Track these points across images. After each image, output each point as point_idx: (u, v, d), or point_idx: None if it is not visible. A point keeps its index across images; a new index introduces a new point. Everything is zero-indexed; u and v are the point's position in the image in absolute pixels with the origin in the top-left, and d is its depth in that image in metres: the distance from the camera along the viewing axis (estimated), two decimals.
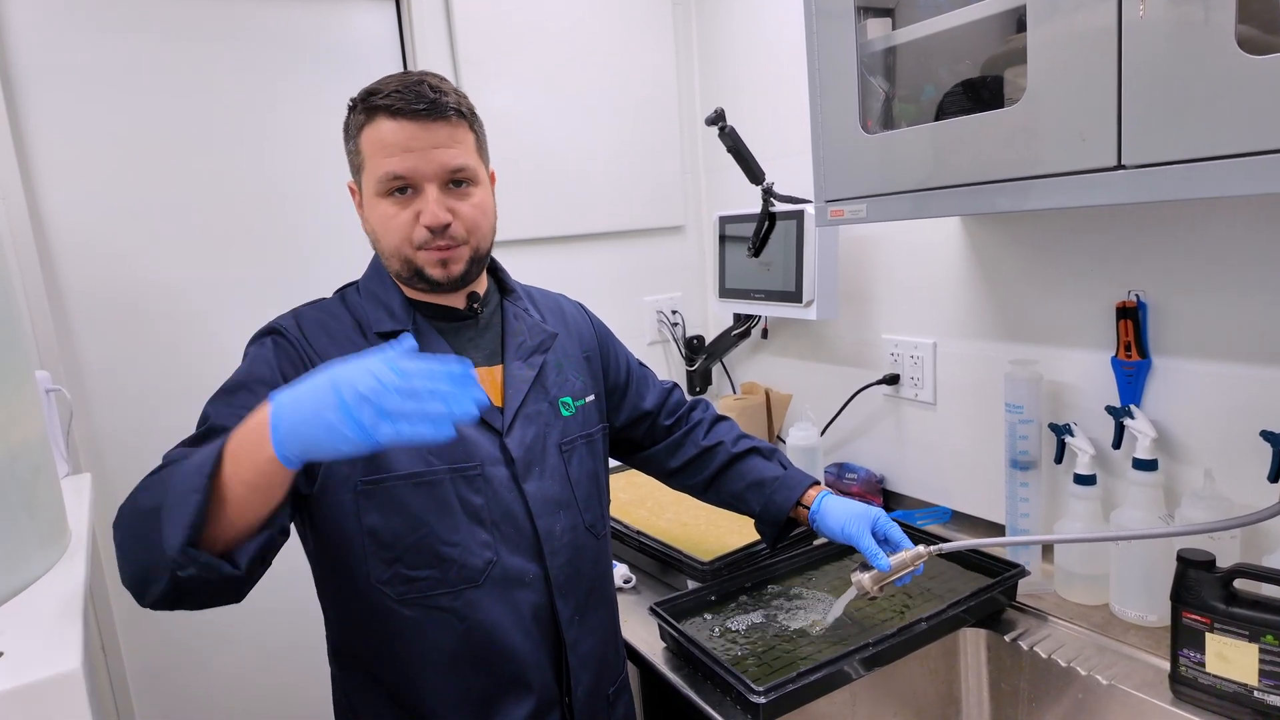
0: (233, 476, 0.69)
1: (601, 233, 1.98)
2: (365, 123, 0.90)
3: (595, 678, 1.02)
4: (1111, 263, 1.20)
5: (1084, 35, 0.82)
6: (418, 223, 0.90)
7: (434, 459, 0.91)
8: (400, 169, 0.88)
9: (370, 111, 0.89)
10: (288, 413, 0.66)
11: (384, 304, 0.96)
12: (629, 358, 1.21)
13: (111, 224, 1.48)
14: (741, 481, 1.16)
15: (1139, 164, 0.79)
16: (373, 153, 0.89)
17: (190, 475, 0.68)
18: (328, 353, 0.91)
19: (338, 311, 0.97)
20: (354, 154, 0.93)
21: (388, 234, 0.91)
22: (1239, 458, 1.08)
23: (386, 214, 0.91)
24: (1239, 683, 0.90)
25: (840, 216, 1.16)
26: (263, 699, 1.69)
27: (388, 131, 0.88)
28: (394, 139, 0.88)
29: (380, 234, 0.93)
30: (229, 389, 0.88)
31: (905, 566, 1.01)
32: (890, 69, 1.18)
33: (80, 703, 0.62)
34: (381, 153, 0.88)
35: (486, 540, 0.93)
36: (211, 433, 0.82)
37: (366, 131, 0.90)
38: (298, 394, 0.67)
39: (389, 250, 0.93)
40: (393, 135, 0.87)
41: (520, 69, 1.81)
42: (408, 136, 0.87)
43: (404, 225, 0.90)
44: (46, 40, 1.40)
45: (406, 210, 0.90)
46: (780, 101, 1.79)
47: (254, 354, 0.91)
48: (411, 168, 0.88)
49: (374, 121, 0.89)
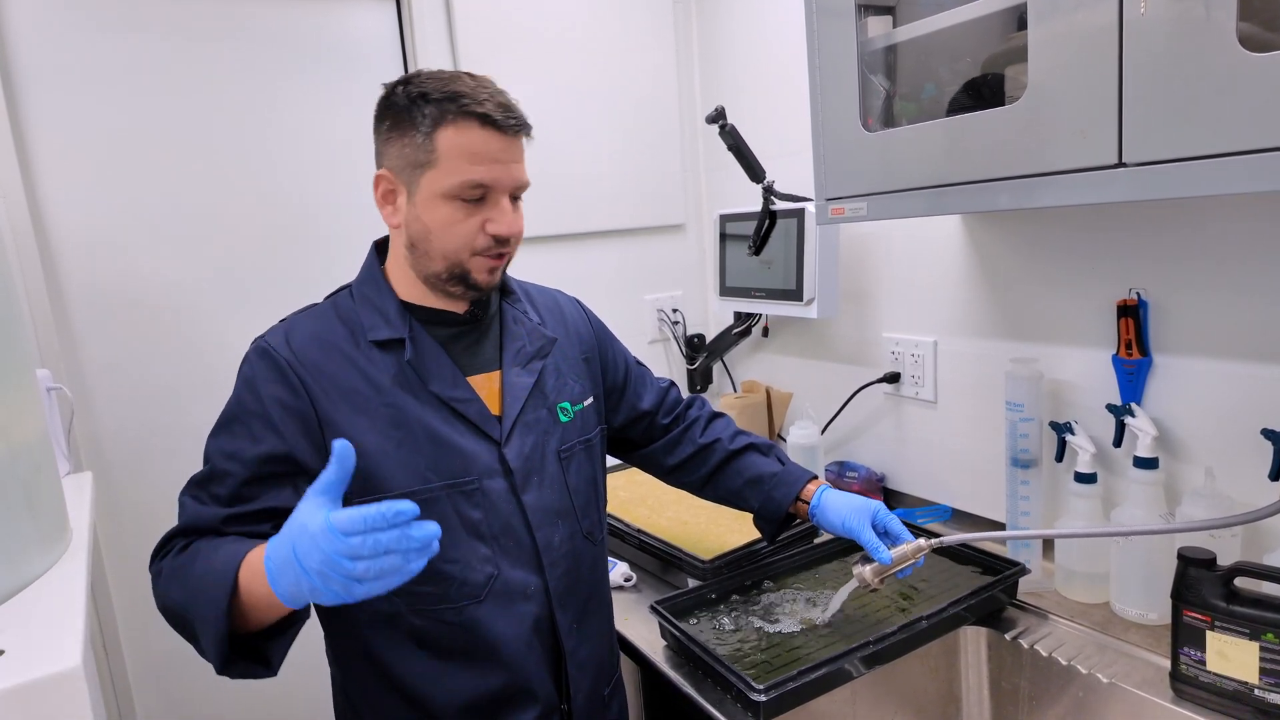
0: (247, 601, 0.77)
1: (602, 231, 1.98)
2: (450, 123, 0.86)
3: (593, 682, 1.02)
4: (1112, 261, 1.20)
5: (1085, 33, 0.81)
6: (483, 230, 0.89)
7: (431, 475, 0.90)
8: (486, 179, 0.87)
9: (462, 115, 0.86)
10: (277, 575, 0.72)
11: (379, 309, 0.94)
12: (627, 357, 1.20)
13: (112, 222, 1.48)
14: (740, 478, 1.16)
15: (1140, 162, 0.79)
16: (454, 155, 0.86)
17: (210, 601, 0.76)
18: (320, 366, 0.90)
19: (329, 320, 0.94)
20: (418, 150, 0.87)
21: (448, 236, 0.89)
22: (1240, 456, 1.08)
23: (451, 217, 0.88)
24: (1240, 681, 0.90)
25: (841, 215, 1.16)
26: (263, 697, 1.69)
27: (479, 140, 0.86)
28: (484, 148, 0.87)
29: (437, 234, 0.89)
30: (224, 423, 0.90)
31: (906, 559, 1.01)
32: (891, 67, 1.18)
33: (81, 701, 0.63)
34: (467, 158, 0.86)
35: (486, 555, 0.92)
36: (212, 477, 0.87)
37: (449, 132, 0.86)
38: (278, 558, 0.71)
39: (443, 251, 0.90)
40: (484, 144, 0.87)
41: (521, 68, 1.81)
42: (498, 148, 0.88)
43: (470, 231, 0.89)
44: (47, 39, 1.40)
45: (474, 217, 0.89)
46: (781, 100, 1.78)
47: (243, 379, 0.91)
48: (495, 179, 0.88)
49: (462, 125, 0.86)
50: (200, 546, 0.83)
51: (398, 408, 0.90)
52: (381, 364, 0.91)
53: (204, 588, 0.77)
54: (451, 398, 0.93)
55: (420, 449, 0.90)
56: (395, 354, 0.92)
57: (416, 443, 0.90)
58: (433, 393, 0.92)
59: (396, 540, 0.67)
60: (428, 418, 0.91)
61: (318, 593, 0.68)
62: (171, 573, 0.84)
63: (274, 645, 0.82)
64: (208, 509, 0.86)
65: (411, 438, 0.90)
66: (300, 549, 0.68)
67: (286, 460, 0.87)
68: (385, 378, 0.91)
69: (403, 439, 0.89)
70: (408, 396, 0.91)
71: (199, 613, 0.77)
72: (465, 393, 0.94)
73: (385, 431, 0.89)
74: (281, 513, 0.85)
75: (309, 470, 0.87)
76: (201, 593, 0.77)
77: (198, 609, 0.77)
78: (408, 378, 0.92)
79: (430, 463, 0.90)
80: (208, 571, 0.78)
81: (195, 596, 0.78)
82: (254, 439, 0.87)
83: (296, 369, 0.89)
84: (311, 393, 0.88)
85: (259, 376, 0.89)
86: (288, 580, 0.70)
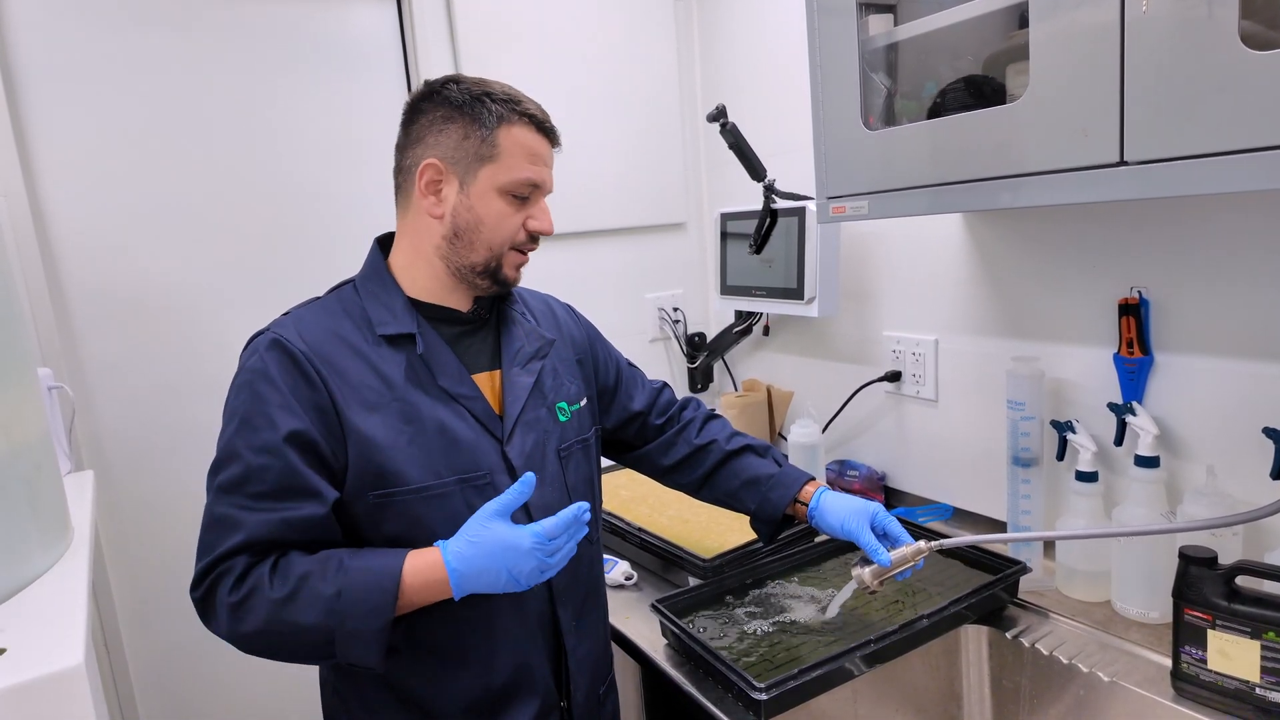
0: (405, 606, 0.85)
1: (603, 230, 1.98)
2: (512, 121, 0.92)
3: (591, 680, 1.03)
4: (1114, 259, 1.20)
5: (1086, 31, 0.81)
6: (524, 226, 0.96)
7: (443, 470, 0.90)
8: (538, 178, 0.95)
9: (522, 116, 0.93)
10: (468, 582, 0.84)
11: (386, 305, 0.94)
12: (618, 358, 1.21)
13: (113, 220, 1.48)
14: (736, 480, 1.16)
15: (1141, 160, 0.79)
16: (515, 153, 0.93)
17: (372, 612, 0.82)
18: (333, 360, 0.89)
19: (336, 314, 0.94)
20: (482, 143, 0.92)
21: (498, 229, 0.94)
22: (1241, 454, 1.08)
23: (504, 211, 0.94)
24: (1241, 680, 0.90)
25: (842, 213, 1.16)
26: (265, 695, 1.69)
27: (534, 142, 0.94)
28: (539, 150, 0.95)
29: (488, 226, 0.94)
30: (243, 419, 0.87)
31: (905, 562, 1.01)
32: (892, 65, 1.18)
33: (83, 699, 0.63)
34: (526, 157, 0.93)
35: None
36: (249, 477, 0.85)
37: (514, 131, 0.93)
38: (474, 569, 0.84)
39: (488, 243, 0.94)
40: (538, 146, 0.95)
41: (521, 67, 1.80)
42: (546, 153, 0.96)
43: (515, 226, 0.95)
44: (48, 38, 1.40)
45: (520, 213, 0.95)
46: (782, 98, 1.78)
47: (254, 372, 0.88)
48: (544, 180, 0.96)
49: (522, 125, 0.93)
50: (308, 568, 0.83)
51: (409, 403, 0.91)
52: (391, 359, 0.92)
53: (360, 604, 0.81)
54: (459, 394, 0.94)
55: (431, 444, 0.90)
56: (404, 350, 0.93)
57: (428, 438, 0.90)
58: (442, 388, 0.93)
59: (574, 527, 0.87)
60: (438, 413, 0.92)
61: (511, 587, 0.85)
62: (284, 599, 0.82)
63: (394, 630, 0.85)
64: (262, 515, 0.84)
65: (423, 433, 0.90)
66: (514, 564, 0.83)
67: (313, 447, 0.86)
68: (396, 373, 0.91)
69: (414, 434, 0.90)
70: (418, 392, 0.92)
71: (356, 626, 0.81)
72: (471, 390, 0.95)
73: (398, 427, 0.89)
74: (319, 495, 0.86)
75: (329, 465, 0.87)
76: (356, 610, 0.81)
77: (352, 624, 0.81)
78: (418, 373, 0.92)
79: (442, 457, 0.90)
80: (356, 588, 0.82)
81: (345, 615, 0.81)
82: (276, 426, 0.85)
83: (313, 361, 0.88)
84: (329, 386, 0.88)
85: (274, 367, 0.87)
86: (483, 584, 0.84)
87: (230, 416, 0.88)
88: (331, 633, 0.81)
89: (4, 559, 0.75)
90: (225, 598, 0.83)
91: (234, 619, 0.83)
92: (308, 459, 0.86)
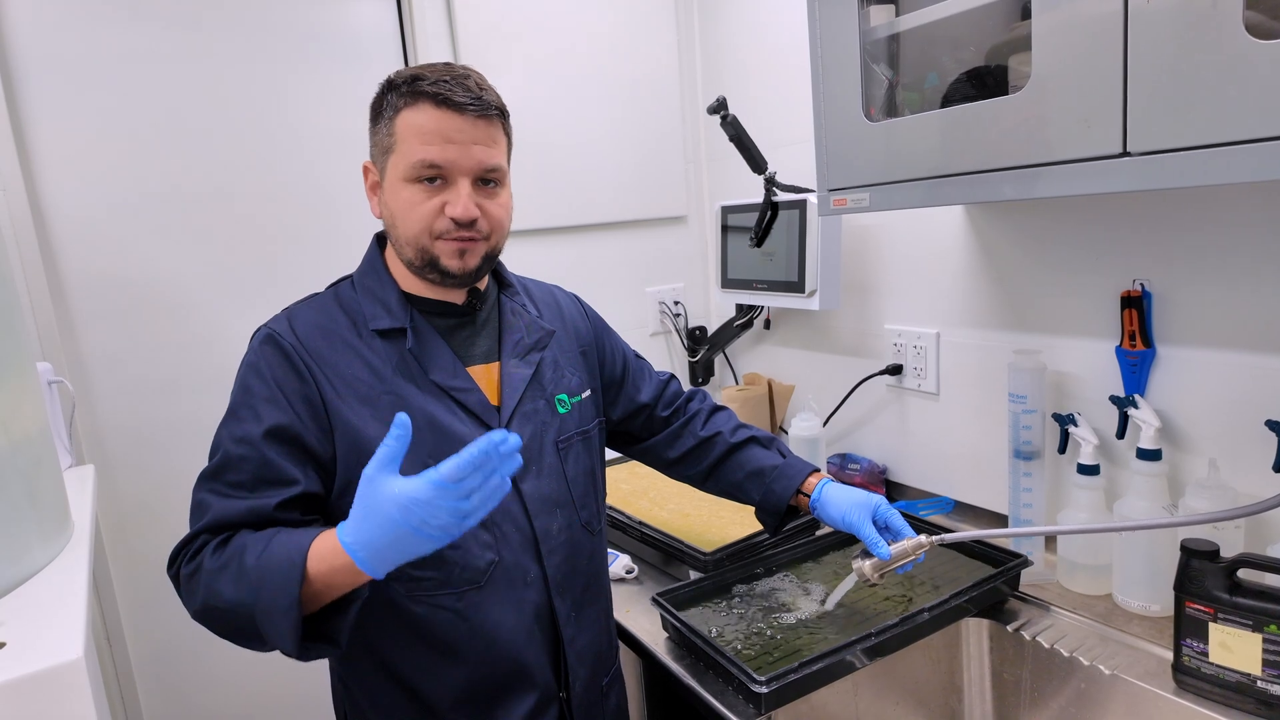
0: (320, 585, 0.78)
1: (603, 223, 1.97)
2: (406, 105, 0.87)
3: (591, 672, 1.02)
4: (1116, 251, 1.20)
5: (1089, 21, 0.81)
6: (442, 213, 0.89)
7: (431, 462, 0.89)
8: (438, 158, 0.87)
9: (415, 95, 0.87)
10: (378, 556, 0.74)
11: (380, 299, 0.95)
12: (625, 350, 1.21)
13: (112, 214, 1.47)
14: (741, 471, 1.16)
15: (1145, 151, 0.78)
16: (409, 137, 0.87)
17: (279, 590, 0.76)
18: (324, 354, 0.90)
19: (331, 310, 0.95)
20: (384, 135, 0.90)
21: (409, 220, 0.89)
22: (1243, 447, 1.08)
23: (411, 200, 0.89)
24: (1242, 673, 0.90)
25: (843, 205, 1.15)
26: (267, 689, 1.69)
27: (430, 119, 0.87)
28: (435, 127, 0.87)
29: (400, 219, 0.90)
30: (231, 411, 0.89)
31: (906, 555, 1.01)
32: (894, 56, 1.17)
33: (83, 692, 0.63)
34: (419, 139, 0.87)
35: (488, 541, 0.93)
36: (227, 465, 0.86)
37: (406, 114, 0.88)
38: (376, 540, 0.74)
39: (407, 236, 0.91)
40: (435, 124, 0.87)
41: (521, 60, 1.80)
42: (450, 128, 0.87)
43: (428, 214, 0.89)
44: (46, 30, 1.40)
45: (433, 199, 0.89)
46: (783, 90, 1.77)
47: (248, 366, 0.90)
48: (449, 160, 0.87)
49: (416, 105, 0.87)
50: (245, 542, 0.81)
51: (399, 396, 0.91)
52: (383, 353, 0.92)
53: (269, 579, 0.77)
54: (452, 387, 0.94)
55: (422, 437, 0.90)
56: (396, 343, 0.93)
57: (417, 431, 0.90)
58: (434, 381, 0.93)
59: (491, 462, 0.74)
60: (429, 406, 0.92)
61: (431, 544, 0.74)
62: (216, 570, 0.81)
63: (338, 621, 0.81)
64: (232, 501, 0.85)
65: (413, 426, 0.90)
66: (421, 520, 0.72)
67: (296, 440, 0.87)
68: (387, 367, 0.92)
69: None
70: (409, 385, 0.92)
71: (267, 604, 0.76)
72: (465, 382, 0.95)
73: (387, 419, 0.88)
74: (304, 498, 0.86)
75: (315, 455, 0.88)
76: (266, 585, 0.77)
77: (264, 601, 0.77)
78: (409, 367, 0.93)
79: (432, 450, 0.90)
80: (269, 563, 0.78)
81: (259, 590, 0.77)
82: (260, 419, 0.86)
83: (302, 355, 0.89)
84: (317, 379, 0.89)
85: (265, 362, 0.89)
86: (397, 552, 0.74)
87: (227, 409, 0.90)
88: (251, 609, 0.78)
89: (4, 553, 0.75)
90: (181, 573, 0.85)
91: (185, 594, 0.84)
92: (287, 451, 0.86)
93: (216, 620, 0.82)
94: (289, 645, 0.77)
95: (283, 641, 0.77)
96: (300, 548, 0.78)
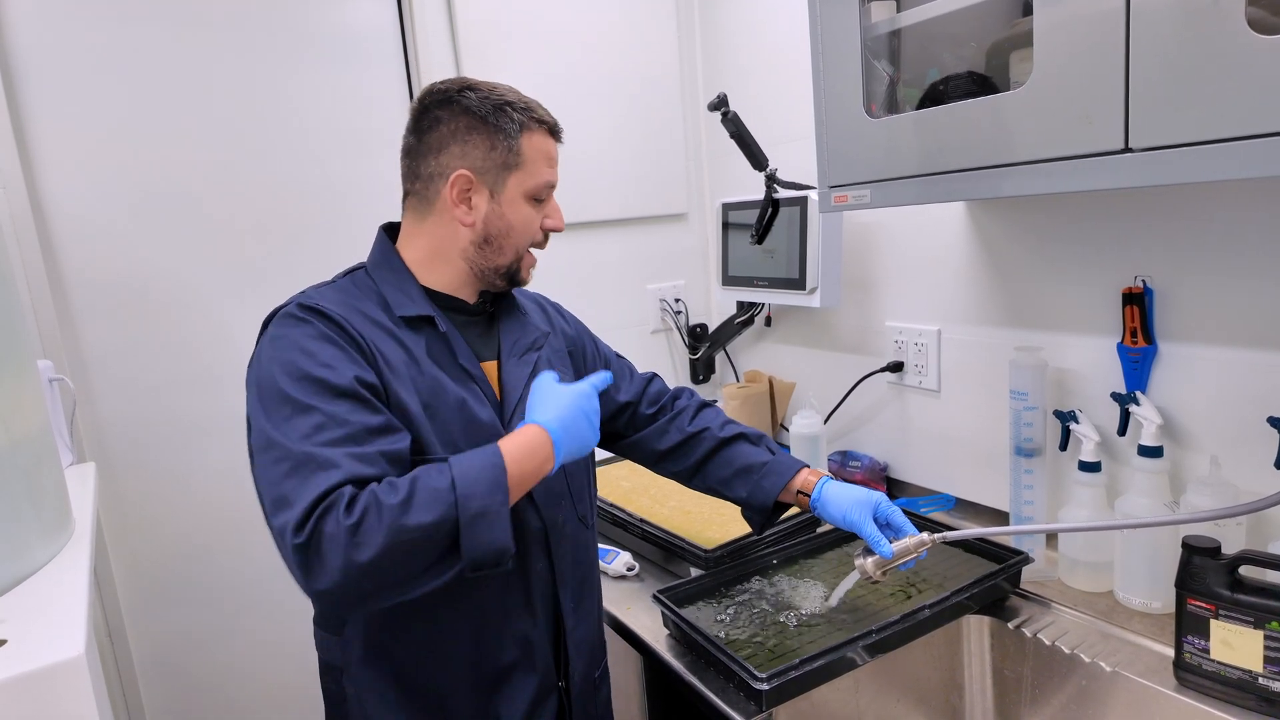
0: (516, 487, 0.83)
1: (604, 220, 1.97)
2: (532, 130, 0.96)
3: (587, 663, 1.04)
4: (1118, 248, 1.19)
5: (1091, 17, 0.80)
6: (540, 226, 1.00)
7: (461, 444, 0.91)
8: (555, 181, 1.00)
9: (538, 124, 0.97)
10: (563, 432, 0.88)
11: (401, 289, 0.96)
12: (607, 352, 1.24)
13: (112, 212, 1.47)
14: (729, 467, 1.16)
15: (1146, 147, 0.78)
16: (537, 159, 0.97)
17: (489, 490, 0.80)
18: (365, 331, 0.89)
19: (355, 293, 0.95)
20: (508, 152, 0.95)
21: (525, 232, 0.99)
22: (1245, 444, 1.08)
23: (530, 216, 0.98)
24: (1243, 669, 0.90)
25: (844, 202, 1.15)
26: (269, 685, 1.70)
27: (550, 146, 0.99)
28: (553, 153, 1.00)
29: (518, 230, 0.98)
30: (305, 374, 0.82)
31: (908, 553, 1.01)
32: (895, 52, 1.17)
33: (84, 689, 0.63)
34: (545, 162, 0.98)
35: None
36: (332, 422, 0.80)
37: (532, 138, 0.96)
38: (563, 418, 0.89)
39: (516, 245, 0.98)
40: (553, 150, 1.00)
41: (521, 57, 1.79)
42: (556, 154, 1.01)
43: (537, 227, 1.00)
44: (47, 28, 1.40)
45: (539, 214, 1.00)
46: (783, 86, 1.77)
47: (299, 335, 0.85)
48: (556, 180, 1.01)
49: (539, 133, 0.97)
50: (415, 474, 0.79)
51: (434, 379, 0.92)
52: (412, 340, 0.94)
53: (476, 486, 0.80)
54: (475, 374, 0.97)
55: (453, 419, 0.92)
56: (422, 331, 0.95)
57: (451, 413, 0.92)
58: (462, 366, 0.96)
59: None
60: (459, 391, 0.94)
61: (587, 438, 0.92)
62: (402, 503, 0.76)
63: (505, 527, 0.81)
64: (356, 450, 0.79)
65: (447, 408, 0.92)
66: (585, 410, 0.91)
67: (376, 390, 0.85)
68: (419, 351, 0.94)
69: (438, 409, 0.92)
70: (439, 370, 0.94)
71: (478, 508, 0.79)
72: (480, 373, 0.98)
73: (424, 400, 0.91)
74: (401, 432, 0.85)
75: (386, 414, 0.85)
76: (476, 491, 0.79)
77: (475, 505, 0.79)
78: (438, 352, 0.95)
79: (461, 432, 0.92)
80: (467, 473, 0.80)
81: (468, 499, 0.78)
82: (343, 371, 0.83)
83: (352, 327, 0.88)
84: (368, 351, 0.88)
85: (318, 329, 0.86)
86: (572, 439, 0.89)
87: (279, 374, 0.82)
88: (455, 525, 0.77)
89: (5, 551, 0.76)
90: (341, 525, 0.74)
91: (351, 546, 0.74)
92: (378, 400, 0.85)
93: (400, 555, 0.75)
94: (505, 539, 0.80)
95: (497, 539, 0.80)
96: (493, 450, 0.83)
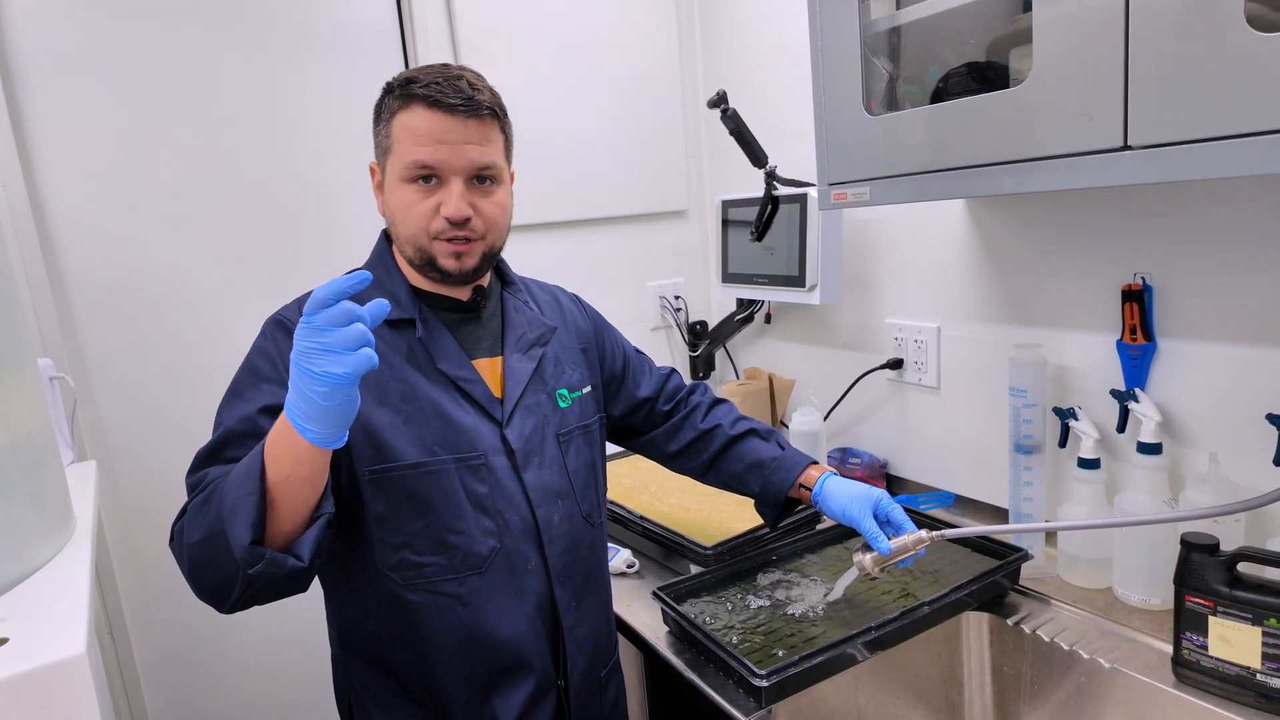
0: (277, 474, 0.74)
1: (604, 218, 1.97)
2: (400, 108, 0.90)
3: (590, 661, 1.04)
4: (1117, 245, 1.19)
5: (1091, 14, 0.80)
6: (438, 213, 0.91)
7: (438, 449, 0.92)
8: (430, 159, 0.89)
9: (407, 98, 0.89)
10: (299, 409, 0.71)
11: (390, 292, 0.96)
12: (626, 346, 1.22)
13: (113, 210, 1.47)
14: (740, 463, 1.17)
15: (1146, 144, 0.78)
16: (403, 138, 0.90)
17: (240, 483, 0.74)
18: None
19: None
20: (383, 137, 0.93)
21: (406, 220, 0.92)
22: (1244, 441, 1.08)
23: (408, 200, 0.91)
24: (1242, 666, 0.90)
25: (844, 199, 1.15)
26: (270, 683, 1.70)
27: (422, 120, 0.89)
28: (427, 129, 0.89)
29: (399, 219, 0.93)
30: (235, 390, 0.91)
31: (906, 550, 1.01)
32: (894, 49, 1.17)
33: (85, 688, 0.63)
34: (412, 140, 0.89)
35: (490, 528, 0.94)
36: (227, 441, 0.85)
37: (401, 117, 0.90)
38: (294, 395, 0.72)
39: (405, 236, 0.93)
40: (426, 125, 0.89)
41: (521, 54, 1.79)
42: (442, 129, 0.89)
43: (424, 214, 0.91)
44: (46, 26, 1.39)
45: (429, 199, 0.91)
46: (783, 84, 1.77)
47: (256, 349, 0.93)
48: (441, 160, 0.89)
49: (409, 108, 0.89)
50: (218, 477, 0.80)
51: (407, 383, 0.93)
52: (392, 342, 0.94)
53: (230, 487, 0.75)
54: (458, 377, 0.96)
55: (428, 423, 0.92)
56: (405, 333, 0.95)
57: (425, 417, 0.92)
58: (441, 370, 0.95)
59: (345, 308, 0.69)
60: (435, 395, 0.93)
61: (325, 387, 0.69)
62: (193, 513, 0.79)
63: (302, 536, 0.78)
64: (222, 468, 0.83)
65: (420, 412, 0.92)
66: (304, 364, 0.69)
67: None
68: (396, 355, 0.94)
69: (411, 413, 0.92)
70: (417, 374, 0.94)
71: (228, 509, 0.73)
72: (470, 373, 0.97)
73: (395, 405, 0.91)
74: None
75: None
76: (227, 492, 0.75)
77: (227, 507, 0.74)
78: (417, 356, 0.95)
79: (438, 437, 0.92)
80: (233, 473, 0.77)
81: (222, 502, 0.75)
82: (261, 399, 0.87)
83: None
84: None
85: (273, 344, 0.91)
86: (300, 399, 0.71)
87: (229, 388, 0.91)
88: (222, 522, 0.74)
89: (6, 549, 0.76)
90: (174, 533, 0.82)
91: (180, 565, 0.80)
92: None
93: (202, 569, 0.77)
94: (244, 535, 0.72)
95: (239, 536, 0.72)
96: (257, 452, 0.76)
